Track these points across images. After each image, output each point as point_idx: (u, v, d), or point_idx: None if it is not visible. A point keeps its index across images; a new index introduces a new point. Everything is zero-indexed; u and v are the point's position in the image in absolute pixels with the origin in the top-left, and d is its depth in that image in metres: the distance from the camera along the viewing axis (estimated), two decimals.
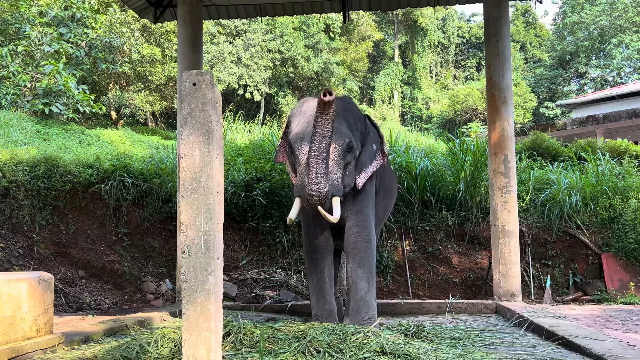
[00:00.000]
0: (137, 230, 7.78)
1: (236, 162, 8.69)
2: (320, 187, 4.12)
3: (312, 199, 4.16)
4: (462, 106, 28.92)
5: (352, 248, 4.67)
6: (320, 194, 4.14)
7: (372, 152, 4.83)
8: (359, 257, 4.64)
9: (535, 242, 7.67)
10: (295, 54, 25.90)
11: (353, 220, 4.71)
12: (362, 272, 4.62)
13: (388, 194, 5.57)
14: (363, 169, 4.70)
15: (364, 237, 4.68)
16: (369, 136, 4.89)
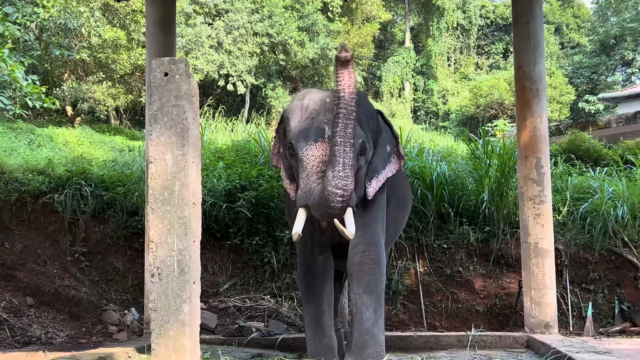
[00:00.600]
0: (98, 249, 7.75)
1: (216, 167, 8.68)
2: (347, 184, 4.02)
3: (334, 202, 4.04)
4: (486, 100, 28.97)
5: (357, 270, 4.61)
6: (345, 194, 4.03)
7: (385, 155, 4.78)
8: (365, 281, 4.59)
9: (574, 262, 7.66)
10: (286, 38, 25.95)
11: (359, 236, 4.56)
12: (368, 299, 4.58)
13: (401, 205, 5.51)
14: (375, 176, 4.64)
15: (371, 258, 4.62)
16: (382, 136, 4.82)
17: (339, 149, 3.99)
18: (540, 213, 6.42)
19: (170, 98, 2.40)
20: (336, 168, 3.99)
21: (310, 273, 4.80)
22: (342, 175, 3.99)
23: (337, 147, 3.99)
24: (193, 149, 2.44)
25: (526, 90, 6.55)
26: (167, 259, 2.34)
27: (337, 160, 3.99)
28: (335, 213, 4.09)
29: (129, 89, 21.65)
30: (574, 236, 7.76)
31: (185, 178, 2.38)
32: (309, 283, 4.80)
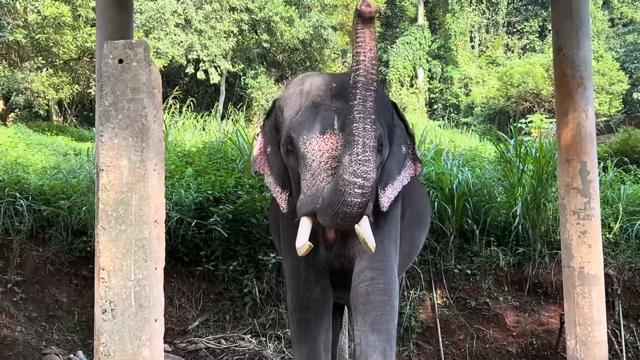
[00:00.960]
0: (35, 278, 7.74)
1: (184, 174, 8.69)
2: (367, 171, 3.80)
3: (352, 194, 3.82)
4: (519, 90, 29.06)
5: (364, 303, 4.55)
6: (366, 185, 3.81)
7: (400, 156, 4.65)
8: (373, 316, 4.53)
9: (629, 291, 7.69)
10: (271, 14, 26.02)
11: (367, 260, 4.51)
12: (376, 339, 4.53)
13: (417, 221, 5.44)
14: (390, 182, 4.52)
15: (381, 287, 4.53)
16: (396, 133, 4.69)
17: (357, 127, 3.79)
18: (587, 230, 6.42)
19: (125, 91, 2.39)
20: (354, 150, 3.79)
21: (304, 307, 4.75)
22: (361, 159, 3.77)
23: (355, 124, 3.80)
24: (155, 154, 2.44)
25: (568, 79, 6.57)
26: (123, 291, 2.33)
27: (355, 141, 3.79)
28: (352, 212, 3.86)
29: (75, 77, 21.64)
30: (628, 259, 7.79)
31: (145, 190, 2.37)
32: (302, 319, 4.76)
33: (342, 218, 3.91)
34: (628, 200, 8.44)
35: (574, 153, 6.49)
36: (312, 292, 4.71)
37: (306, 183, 4.13)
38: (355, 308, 4.57)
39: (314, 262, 4.63)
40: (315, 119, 4.22)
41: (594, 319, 6.36)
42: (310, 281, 4.71)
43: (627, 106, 31.26)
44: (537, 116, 24.15)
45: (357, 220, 3.93)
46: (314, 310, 4.72)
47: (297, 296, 4.76)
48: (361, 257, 4.54)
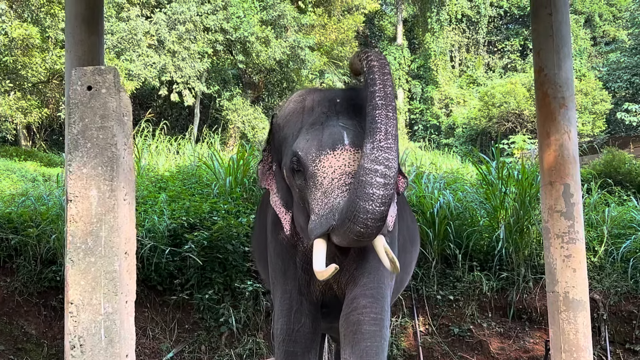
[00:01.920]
0: (3, 309, 7.68)
1: (157, 200, 8.67)
2: (390, 159, 3.66)
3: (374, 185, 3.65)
4: (500, 110, 29.29)
5: (354, 332, 4.46)
6: (388, 173, 3.65)
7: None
8: (363, 347, 4.43)
9: (615, 316, 7.72)
10: (246, 34, 26.09)
11: (361, 285, 4.44)
12: None
13: (410, 244, 5.34)
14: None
15: (373, 317, 4.42)
16: None
17: (379, 114, 3.70)
18: (571, 254, 6.45)
19: (95, 118, 2.39)
20: (376, 137, 3.67)
21: (293, 340, 4.67)
22: (384, 146, 3.65)
23: (377, 110, 3.71)
24: (125, 183, 2.43)
25: (549, 99, 6.62)
26: (92, 325, 2.32)
27: (377, 128, 3.69)
28: (374, 210, 3.65)
29: (44, 101, 21.58)
30: (613, 283, 7.83)
31: (115, 220, 2.37)
32: (290, 352, 4.67)
33: (363, 220, 3.67)
34: (613, 222, 8.49)
35: (557, 175, 6.53)
36: (302, 324, 4.61)
37: (318, 203, 3.98)
38: (345, 337, 4.47)
39: (308, 292, 4.57)
40: (322, 135, 4.10)
41: (579, 345, 6.37)
42: (301, 314, 4.61)
43: (610, 126, 31.56)
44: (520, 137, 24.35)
45: (380, 225, 3.74)
46: (303, 344, 4.64)
47: (286, 329, 4.64)
48: (356, 283, 4.45)
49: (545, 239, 6.65)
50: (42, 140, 24.63)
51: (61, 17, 18.93)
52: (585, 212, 8.08)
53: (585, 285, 6.51)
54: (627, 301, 7.76)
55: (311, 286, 4.53)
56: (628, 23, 37.10)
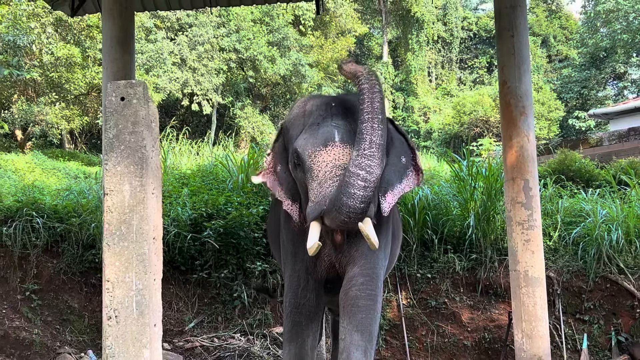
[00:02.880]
0: (50, 286, 7.66)
1: (180, 194, 8.65)
2: (372, 165, 3.76)
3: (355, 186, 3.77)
4: (470, 117, 29.29)
5: (352, 305, 4.48)
6: (369, 178, 3.76)
7: (400, 166, 4.57)
8: (359, 318, 4.46)
9: (567, 291, 7.72)
10: (255, 53, 26.07)
11: (360, 266, 4.49)
12: (359, 338, 4.45)
13: (396, 235, 5.41)
14: (390, 189, 4.43)
15: (368, 293, 4.48)
16: (394, 146, 4.61)
17: (365, 126, 3.80)
18: (530, 239, 6.45)
19: (127, 124, 2.39)
20: (361, 145, 3.78)
21: (299, 312, 4.68)
22: (367, 154, 3.76)
23: (364, 124, 3.81)
24: (153, 179, 2.43)
25: (512, 108, 6.61)
26: (125, 299, 2.32)
27: (363, 138, 3.79)
28: (355, 206, 3.80)
29: (85, 110, 21.56)
30: (566, 263, 7.82)
31: (145, 211, 2.37)
32: (296, 322, 4.68)
33: (346, 212, 3.83)
34: (565, 212, 8.49)
35: (518, 172, 6.52)
36: (308, 299, 4.65)
37: (313, 191, 4.08)
38: (344, 308, 4.51)
39: (314, 272, 4.60)
40: (317, 134, 4.19)
41: (537, 316, 6.38)
42: (307, 290, 4.65)
43: (563, 130, 31.61)
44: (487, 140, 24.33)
45: (360, 216, 3.86)
46: (307, 315, 4.66)
47: (294, 303, 4.69)
48: (354, 264, 4.49)
49: (508, 226, 6.64)
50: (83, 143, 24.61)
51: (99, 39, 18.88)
52: (542, 203, 8.06)
53: (542, 265, 6.51)
54: (577, 278, 7.75)
55: (317, 266, 4.56)
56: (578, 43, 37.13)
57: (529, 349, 6.36)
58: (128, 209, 2.37)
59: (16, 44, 16.55)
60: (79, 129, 22.68)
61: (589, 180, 10.79)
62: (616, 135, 21.25)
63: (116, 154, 2.40)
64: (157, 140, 2.53)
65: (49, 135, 22.33)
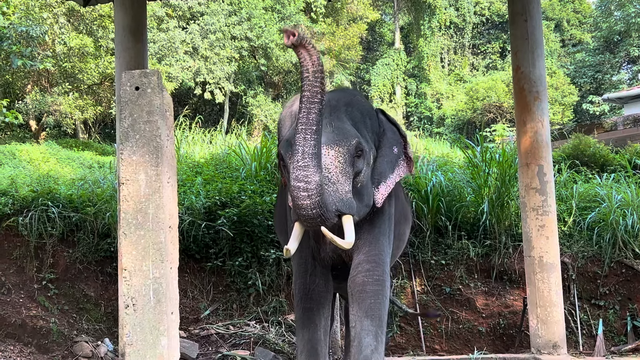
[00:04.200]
0: (67, 275, 7.70)
1: (194, 182, 8.66)
2: (308, 175, 3.74)
3: (299, 198, 3.79)
4: (483, 103, 29.13)
5: (360, 291, 4.52)
6: (309, 187, 3.75)
7: (392, 157, 4.64)
8: (368, 304, 4.49)
9: (582, 276, 7.70)
10: (267, 41, 26.02)
11: (364, 253, 4.55)
12: (369, 324, 4.49)
13: (404, 218, 5.42)
14: (382, 181, 4.51)
15: (376, 278, 4.52)
16: (386, 136, 4.68)
17: (298, 137, 3.75)
18: (544, 224, 6.44)
19: (142, 114, 2.39)
20: (295, 158, 3.75)
21: (309, 298, 4.71)
22: (301, 165, 3.72)
23: (297, 135, 3.76)
24: (168, 168, 2.44)
25: (525, 93, 6.59)
26: (142, 288, 2.33)
27: (296, 150, 3.75)
28: (308, 214, 3.82)
29: (98, 100, 21.63)
30: (581, 248, 7.80)
31: (160, 200, 2.38)
32: (306, 308, 4.71)
33: (305, 221, 3.91)
34: (580, 197, 8.45)
35: (532, 158, 6.51)
36: (316, 285, 4.69)
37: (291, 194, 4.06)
38: (352, 295, 4.56)
39: (319, 258, 4.64)
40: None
41: (552, 301, 6.38)
42: (315, 276, 4.69)
43: (577, 115, 31.39)
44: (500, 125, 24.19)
45: (319, 220, 3.86)
46: (317, 301, 4.69)
47: (303, 289, 4.73)
48: (360, 251, 4.54)
49: (522, 212, 6.64)
50: (97, 133, 24.70)
51: (111, 29, 18.93)
52: (556, 188, 8.03)
53: (556, 250, 6.50)
54: (592, 263, 7.73)
55: (322, 253, 4.59)
56: (592, 27, 36.82)
57: (544, 334, 6.37)
58: (144, 197, 2.38)
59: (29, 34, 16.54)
60: (92, 118, 22.75)
61: (604, 165, 10.73)
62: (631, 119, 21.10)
63: (131, 144, 2.41)
64: (172, 129, 2.54)
65: (62, 125, 22.41)
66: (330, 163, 4.05)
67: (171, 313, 2.39)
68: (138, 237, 2.37)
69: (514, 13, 6.74)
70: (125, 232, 2.38)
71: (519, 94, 6.68)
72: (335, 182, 4.04)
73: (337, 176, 4.06)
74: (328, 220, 3.91)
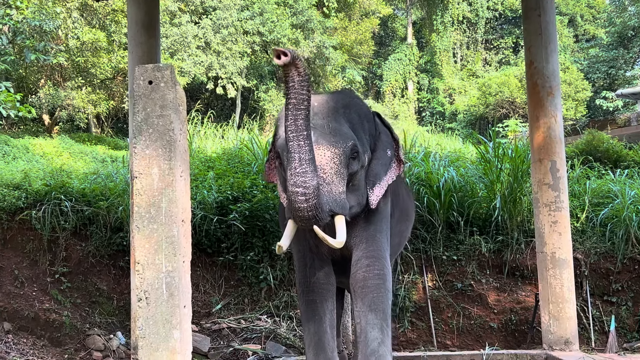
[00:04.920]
0: (79, 269, 7.74)
1: (206, 177, 8.68)
2: (306, 181, 3.87)
3: (297, 202, 3.92)
4: (496, 99, 29.05)
5: (361, 287, 4.61)
6: (308, 192, 3.88)
7: (386, 159, 4.76)
8: (370, 298, 4.58)
9: (595, 273, 7.67)
10: (279, 36, 26.01)
11: (362, 250, 4.64)
12: (373, 317, 4.56)
13: (404, 216, 5.55)
14: (377, 182, 4.62)
15: (376, 273, 4.61)
16: (381, 139, 4.81)
17: (292, 145, 3.85)
18: (557, 220, 6.42)
19: (155, 108, 2.40)
20: (292, 165, 3.87)
21: (310, 290, 4.79)
22: (299, 172, 3.86)
23: (290, 142, 3.86)
24: (181, 162, 2.44)
25: (539, 88, 6.56)
26: (155, 281, 2.34)
27: (292, 157, 3.86)
28: (305, 216, 3.97)
29: (111, 94, 21.69)
30: (593, 244, 7.77)
31: (173, 193, 2.38)
32: (309, 301, 4.78)
33: (300, 221, 4.06)
34: (593, 193, 8.42)
35: (545, 153, 6.48)
36: (317, 277, 4.77)
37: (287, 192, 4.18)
38: (355, 292, 4.66)
39: (318, 251, 4.71)
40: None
41: (564, 298, 6.35)
42: (314, 268, 4.78)
43: (590, 111, 31.25)
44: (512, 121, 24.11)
45: (314, 221, 4.01)
46: (319, 293, 4.77)
47: (303, 281, 4.83)
48: (358, 248, 4.67)
49: (535, 208, 6.61)
50: (109, 127, 24.79)
51: (124, 24, 18.97)
52: (569, 184, 8.00)
53: (569, 246, 6.48)
54: (605, 260, 7.70)
55: (319, 247, 4.67)
56: (606, 23, 36.59)
57: (556, 330, 6.35)
58: (157, 191, 2.39)
59: (42, 29, 16.63)
60: (105, 113, 22.84)
61: (617, 161, 10.67)
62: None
63: (145, 137, 2.42)
64: (185, 123, 2.55)
65: (75, 119, 22.50)
66: (326, 164, 4.17)
67: (184, 307, 2.40)
68: (151, 230, 2.38)
69: (528, 8, 6.70)
70: (138, 225, 2.39)
71: (532, 89, 6.66)
72: (330, 183, 4.17)
73: (331, 177, 4.18)
74: (322, 220, 4.05)
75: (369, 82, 36.47)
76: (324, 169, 4.16)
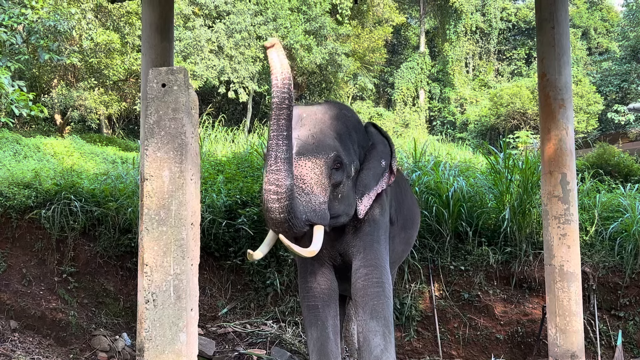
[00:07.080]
0: (87, 269, 7.76)
1: (215, 181, 8.70)
2: (279, 178, 3.87)
3: (269, 200, 3.93)
4: (507, 110, 28.98)
5: (362, 295, 4.66)
6: (279, 190, 3.88)
7: (379, 169, 4.81)
8: (371, 306, 4.63)
9: (603, 286, 7.63)
10: (292, 42, 26.04)
11: (361, 259, 4.71)
12: (375, 325, 4.60)
13: (409, 224, 5.58)
14: (366, 192, 4.69)
15: (375, 281, 4.68)
16: (376, 150, 4.88)
17: (271, 143, 3.88)
18: (566, 233, 6.39)
19: (167, 111, 2.41)
20: (268, 162, 3.89)
21: (312, 296, 4.83)
22: (273, 169, 3.87)
23: (269, 141, 3.90)
24: (192, 165, 2.45)
25: (551, 100, 6.54)
26: (163, 284, 2.35)
27: (269, 155, 3.89)
28: (276, 218, 3.98)
29: (123, 96, 21.77)
30: (602, 258, 7.74)
31: (184, 196, 2.39)
32: (312, 307, 4.82)
33: (272, 224, 4.08)
34: (602, 207, 8.39)
35: (556, 165, 6.46)
36: (318, 283, 4.85)
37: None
38: (356, 300, 4.73)
39: (319, 258, 4.72)
40: (303, 142, 4.39)
41: (572, 311, 6.32)
42: (315, 274, 4.86)
43: (602, 124, 31.16)
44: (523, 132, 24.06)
45: (287, 225, 4.03)
46: (321, 298, 4.82)
47: (305, 288, 4.91)
48: (356, 258, 4.75)
49: (544, 220, 6.59)
50: (121, 128, 24.86)
51: (138, 26, 19.07)
52: (579, 197, 7.99)
53: (577, 260, 6.45)
54: (614, 274, 7.67)
55: (321, 254, 4.66)
56: (619, 36, 36.47)
57: (563, 344, 6.32)
58: (167, 194, 2.40)
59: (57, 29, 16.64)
60: (116, 114, 22.92)
61: (628, 175, 10.63)
62: None
63: (156, 140, 2.42)
64: (197, 126, 2.55)
65: (87, 120, 22.62)
66: (306, 174, 4.24)
67: (191, 309, 2.40)
68: (160, 233, 2.38)
69: (541, 20, 6.69)
70: (147, 227, 2.40)
71: (544, 101, 6.64)
72: (309, 193, 4.22)
73: (311, 187, 4.23)
74: (296, 227, 4.08)
75: (380, 90, 36.48)
76: (304, 179, 4.23)
